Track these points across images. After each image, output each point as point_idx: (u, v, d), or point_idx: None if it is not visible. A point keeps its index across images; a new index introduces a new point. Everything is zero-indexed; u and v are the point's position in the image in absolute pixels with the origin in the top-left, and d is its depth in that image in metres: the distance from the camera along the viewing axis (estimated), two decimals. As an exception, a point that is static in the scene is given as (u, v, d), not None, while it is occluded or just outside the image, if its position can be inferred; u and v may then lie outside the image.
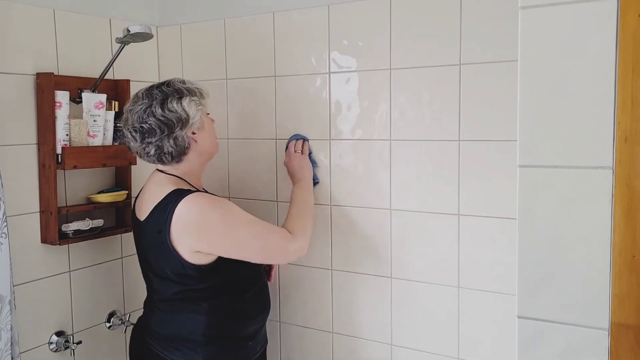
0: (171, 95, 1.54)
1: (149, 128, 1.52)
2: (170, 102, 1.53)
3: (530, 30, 0.89)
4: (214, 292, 1.55)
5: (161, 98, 1.53)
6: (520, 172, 0.91)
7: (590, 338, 0.88)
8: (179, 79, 1.60)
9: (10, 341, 1.56)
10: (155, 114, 1.52)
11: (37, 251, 1.77)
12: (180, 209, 1.47)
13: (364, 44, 1.75)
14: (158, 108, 1.52)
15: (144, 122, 1.52)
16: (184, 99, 1.54)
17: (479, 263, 1.62)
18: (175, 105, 1.53)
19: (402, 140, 1.72)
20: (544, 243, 0.90)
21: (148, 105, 1.53)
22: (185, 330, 1.55)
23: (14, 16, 1.68)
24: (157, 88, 1.56)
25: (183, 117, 1.53)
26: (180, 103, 1.54)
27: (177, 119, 1.52)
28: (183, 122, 1.53)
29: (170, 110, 1.52)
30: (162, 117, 1.52)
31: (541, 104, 0.89)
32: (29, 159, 1.74)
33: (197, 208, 1.49)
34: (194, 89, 1.58)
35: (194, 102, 1.56)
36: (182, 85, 1.57)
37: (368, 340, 1.84)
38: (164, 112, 1.52)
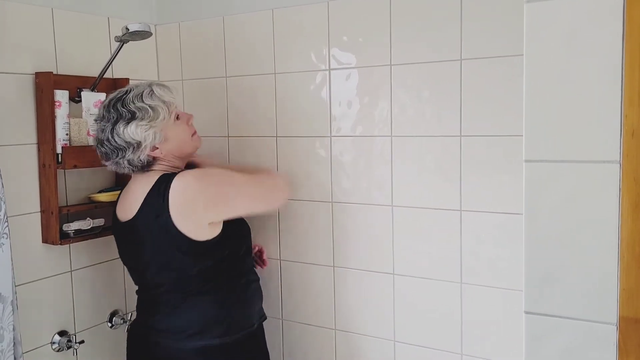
0: (121, 119, 1.53)
1: (104, 151, 1.57)
2: (118, 127, 1.53)
3: (535, 24, 0.89)
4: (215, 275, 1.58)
5: (113, 121, 1.53)
6: (526, 166, 0.91)
7: (598, 333, 0.88)
8: (138, 92, 1.56)
9: (13, 341, 1.55)
10: (108, 139, 1.54)
11: (38, 251, 1.76)
12: (175, 188, 1.49)
13: (364, 40, 1.75)
14: (108, 133, 1.54)
15: (101, 143, 1.56)
16: (131, 124, 1.52)
17: (481, 259, 1.62)
18: (122, 132, 1.53)
19: (403, 136, 1.71)
20: (550, 238, 0.90)
21: (103, 127, 1.55)
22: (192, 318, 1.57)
23: (12, 15, 1.67)
24: (114, 106, 1.55)
25: (133, 143, 1.53)
26: (128, 129, 1.52)
27: (127, 145, 1.53)
28: (134, 146, 1.53)
29: (119, 137, 1.53)
30: (114, 143, 1.54)
31: (547, 98, 0.89)
32: (29, 158, 1.73)
33: (192, 181, 1.53)
34: (145, 109, 1.53)
35: (142, 126, 1.52)
36: (136, 105, 1.53)
37: (371, 336, 1.84)
38: (113, 138, 1.54)
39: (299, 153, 1.90)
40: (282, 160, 1.93)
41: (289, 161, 1.92)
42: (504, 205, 1.58)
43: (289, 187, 1.74)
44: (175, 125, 1.60)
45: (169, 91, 1.61)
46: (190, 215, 1.50)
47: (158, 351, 1.59)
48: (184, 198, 1.50)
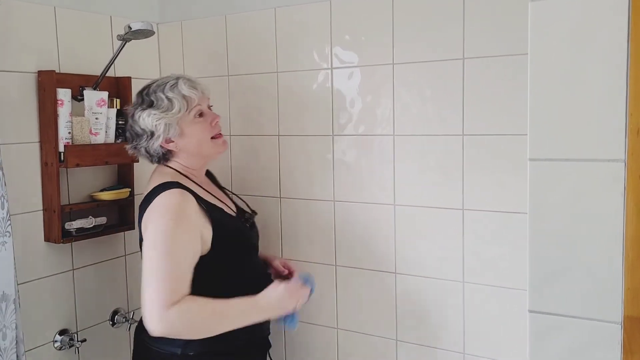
0: (140, 106, 1.56)
1: (127, 136, 1.62)
2: (136, 113, 1.56)
3: (540, 22, 0.89)
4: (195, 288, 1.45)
5: (136, 107, 1.57)
6: (531, 165, 0.91)
7: (602, 332, 0.88)
8: (162, 82, 1.57)
9: (15, 340, 1.55)
10: (131, 123, 1.58)
11: (40, 250, 1.76)
12: (155, 201, 1.47)
13: (367, 38, 1.75)
14: (130, 118, 1.58)
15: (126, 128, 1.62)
16: (145, 111, 1.54)
17: (484, 258, 1.62)
18: (138, 119, 1.55)
19: (405, 135, 1.71)
20: (555, 237, 0.90)
21: (129, 112, 1.60)
22: None
23: (15, 14, 1.67)
24: (140, 93, 1.59)
25: (147, 131, 1.54)
26: (142, 117, 1.54)
27: (141, 132, 1.56)
28: (148, 135, 1.54)
29: (136, 123, 1.56)
30: (132, 128, 1.57)
31: (552, 96, 0.89)
32: (32, 157, 1.73)
33: (161, 204, 1.45)
34: (162, 99, 1.52)
35: (153, 116, 1.52)
36: (156, 94, 1.54)
37: (373, 335, 1.84)
38: (132, 124, 1.58)
39: (301, 152, 1.90)
40: (284, 159, 1.93)
41: (291, 160, 1.92)
42: (506, 204, 1.58)
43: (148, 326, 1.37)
44: (194, 122, 1.57)
45: (194, 86, 1.58)
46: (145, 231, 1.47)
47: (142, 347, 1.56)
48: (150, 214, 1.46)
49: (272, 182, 1.96)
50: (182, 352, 1.48)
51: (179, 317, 1.36)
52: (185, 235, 1.43)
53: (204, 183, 1.64)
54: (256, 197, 1.98)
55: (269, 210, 1.96)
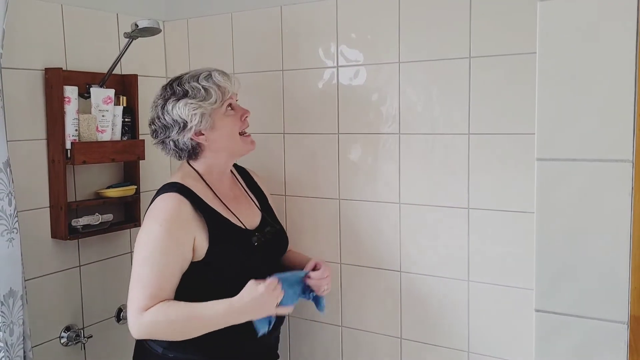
0: (173, 96, 1.51)
1: (154, 129, 1.55)
2: (168, 104, 1.51)
3: (548, 22, 0.89)
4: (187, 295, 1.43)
5: (166, 98, 1.52)
6: (538, 165, 0.91)
7: (609, 331, 0.88)
8: (196, 73, 1.54)
9: (22, 335, 1.56)
10: (158, 116, 1.53)
11: (47, 246, 1.77)
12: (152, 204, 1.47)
13: (373, 37, 1.75)
14: (160, 109, 1.52)
15: (152, 121, 1.55)
16: (180, 101, 1.49)
17: (489, 257, 1.62)
18: (171, 109, 1.50)
19: (411, 133, 1.71)
20: (562, 236, 0.90)
21: (156, 104, 1.54)
22: None
23: (22, 12, 1.68)
24: (170, 85, 1.54)
25: (179, 121, 1.49)
26: (177, 106, 1.49)
27: (174, 123, 1.50)
28: (180, 126, 1.49)
29: (167, 113, 1.51)
30: (163, 120, 1.52)
31: (559, 96, 0.89)
32: (39, 154, 1.74)
33: (154, 208, 1.45)
34: (198, 89, 1.50)
35: (191, 104, 1.48)
36: (190, 84, 1.51)
37: (377, 333, 1.84)
38: (163, 115, 1.51)
39: (306, 150, 1.90)
40: (289, 157, 1.93)
41: (296, 158, 1.92)
42: (512, 204, 1.58)
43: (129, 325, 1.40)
44: (225, 115, 1.54)
45: (228, 78, 1.56)
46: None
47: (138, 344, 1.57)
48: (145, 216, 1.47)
49: (277, 180, 1.96)
50: (162, 353, 1.48)
51: (151, 321, 1.36)
52: (173, 242, 1.41)
53: (224, 186, 1.59)
54: (261, 194, 1.98)
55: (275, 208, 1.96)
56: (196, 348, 1.46)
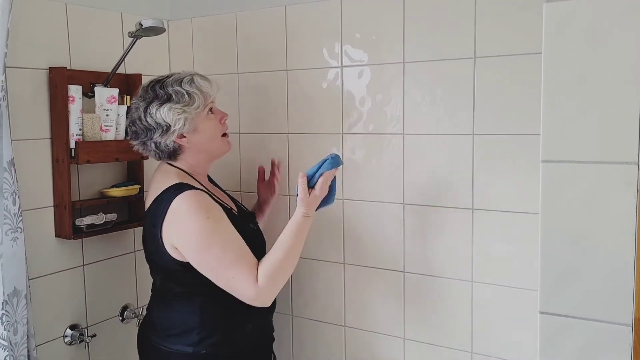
0: (156, 100, 1.54)
1: (134, 130, 1.59)
2: (152, 107, 1.54)
3: (554, 24, 0.88)
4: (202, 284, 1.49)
5: (148, 101, 1.55)
6: (543, 167, 0.91)
7: (613, 334, 0.88)
8: (178, 77, 1.57)
9: (26, 334, 1.57)
10: (140, 117, 1.56)
11: (51, 245, 1.78)
12: (174, 205, 1.47)
13: (377, 37, 1.74)
14: (142, 112, 1.55)
15: (132, 122, 1.58)
16: (164, 105, 1.52)
17: (493, 257, 1.62)
18: (155, 113, 1.53)
19: (415, 134, 1.71)
20: (566, 238, 0.90)
21: (137, 106, 1.57)
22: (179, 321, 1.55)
23: (26, 10, 1.68)
24: (153, 88, 1.56)
25: (163, 125, 1.53)
26: (160, 110, 1.52)
27: (156, 126, 1.53)
28: (163, 129, 1.53)
29: (150, 116, 1.54)
30: (144, 122, 1.55)
31: (565, 99, 0.89)
32: (43, 153, 1.74)
33: (186, 208, 1.46)
34: (182, 93, 1.53)
35: (175, 109, 1.52)
36: (174, 88, 1.54)
37: (380, 334, 1.84)
38: (145, 118, 1.55)
39: (310, 150, 1.90)
40: (293, 157, 1.93)
41: (300, 158, 1.92)
42: (516, 204, 1.57)
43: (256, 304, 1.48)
44: (207, 118, 1.59)
45: (209, 83, 1.60)
46: (169, 233, 1.47)
47: (149, 346, 1.59)
48: (172, 216, 1.47)
49: (281, 180, 1.96)
50: (195, 351, 1.52)
51: (268, 283, 1.46)
52: (225, 221, 1.49)
53: (207, 184, 1.65)
54: (265, 194, 1.98)
55: (278, 208, 1.96)
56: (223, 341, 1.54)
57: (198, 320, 1.53)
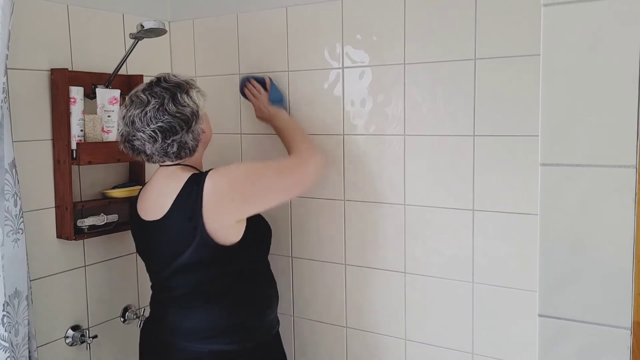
0: (179, 90, 1.54)
1: (169, 126, 1.50)
2: (180, 97, 1.52)
3: (552, 27, 0.88)
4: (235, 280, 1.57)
5: (170, 94, 1.51)
6: (542, 170, 0.90)
7: (611, 337, 0.88)
8: (169, 74, 1.59)
9: (28, 336, 1.57)
10: (170, 112, 1.49)
11: (52, 246, 1.78)
12: (209, 184, 1.47)
13: (378, 38, 1.74)
14: (171, 105, 1.50)
15: (161, 120, 1.49)
16: (191, 91, 1.56)
17: (494, 259, 1.62)
18: (186, 99, 1.53)
19: (416, 135, 1.71)
20: (565, 241, 0.90)
21: (160, 104, 1.50)
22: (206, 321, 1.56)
23: (28, 12, 1.68)
24: (158, 86, 1.53)
25: (195, 110, 1.54)
26: (190, 96, 1.54)
27: (191, 113, 1.53)
28: (196, 115, 1.55)
29: (183, 105, 1.52)
30: (178, 114, 1.50)
31: (563, 102, 0.88)
32: (44, 154, 1.74)
33: (222, 179, 1.49)
34: (189, 81, 1.59)
35: (200, 93, 1.59)
36: (180, 79, 1.57)
37: (382, 334, 1.84)
38: (177, 109, 1.51)
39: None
40: (294, 157, 1.93)
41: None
42: (517, 205, 1.57)
43: (319, 170, 1.66)
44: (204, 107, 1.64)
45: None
46: (221, 214, 1.48)
47: (171, 351, 1.58)
48: (216, 197, 1.47)
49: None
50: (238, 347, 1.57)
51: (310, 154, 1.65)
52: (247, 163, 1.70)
53: None
54: (266, 195, 1.98)
55: (279, 209, 1.96)
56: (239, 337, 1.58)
57: (237, 317, 1.58)
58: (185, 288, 1.57)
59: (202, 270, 1.54)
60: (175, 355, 1.58)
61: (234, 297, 1.58)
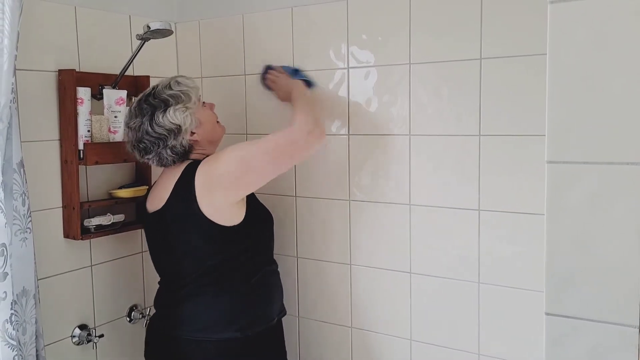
0: (158, 108, 1.59)
1: (144, 146, 1.61)
2: (157, 116, 1.58)
3: (559, 24, 0.88)
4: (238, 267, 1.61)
5: (150, 113, 1.59)
6: (549, 167, 0.90)
7: (619, 335, 0.87)
8: (164, 84, 1.63)
9: (35, 334, 1.58)
10: (147, 131, 1.59)
11: (59, 246, 1.79)
12: (200, 171, 1.55)
13: (383, 38, 1.75)
14: (148, 125, 1.59)
15: (139, 140, 1.61)
16: (169, 109, 1.58)
17: (499, 259, 1.62)
18: (162, 119, 1.58)
19: (421, 135, 1.71)
20: (572, 240, 0.90)
21: (140, 122, 1.60)
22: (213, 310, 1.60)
23: (36, 13, 1.69)
24: (145, 101, 1.61)
25: (174, 128, 1.59)
26: (167, 115, 1.58)
27: (168, 132, 1.59)
28: (175, 132, 1.59)
29: (159, 125, 1.58)
30: (155, 133, 1.59)
31: (570, 99, 0.88)
32: (52, 154, 1.76)
33: (213, 162, 1.56)
34: (177, 94, 1.60)
35: (179, 110, 1.59)
36: (167, 93, 1.60)
37: (387, 335, 1.84)
38: (154, 129, 1.59)
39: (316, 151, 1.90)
40: (300, 158, 1.93)
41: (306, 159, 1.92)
42: (522, 205, 1.57)
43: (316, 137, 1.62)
44: (203, 109, 1.68)
45: (192, 80, 1.68)
46: (214, 197, 1.54)
47: (177, 344, 1.61)
48: (208, 179, 1.54)
49: (287, 181, 1.97)
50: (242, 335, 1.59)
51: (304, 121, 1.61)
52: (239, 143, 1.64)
53: None
54: (272, 195, 1.99)
55: (285, 209, 1.97)
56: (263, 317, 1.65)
57: (242, 305, 1.61)
58: (188, 277, 1.62)
59: (202, 256, 1.59)
60: (181, 347, 1.60)
61: (239, 284, 1.61)
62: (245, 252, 1.62)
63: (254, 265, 1.66)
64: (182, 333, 1.61)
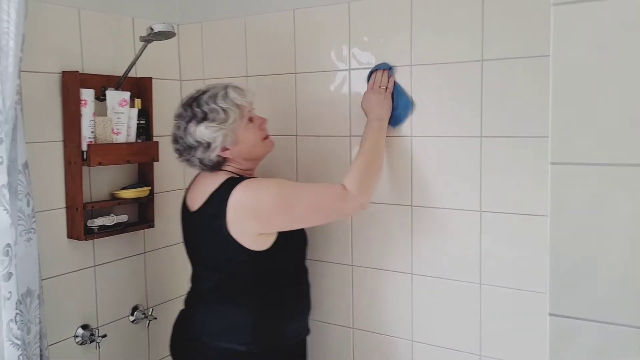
0: (194, 119, 1.57)
1: (177, 148, 1.62)
2: (190, 126, 1.57)
3: (562, 26, 0.89)
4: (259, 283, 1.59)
5: (187, 120, 1.58)
6: (552, 169, 0.91)
7: (623, 336, 0.88)
8: (213, 92, 1.59)
9: (39, 334, 1.58)
10: (182, 136, 1.59)
11: (63, 246, 1.80)
12: (236, 195, 1.51)
13: (385, 40, 1.75)
14: (182, 131, 1.59)
15: (175, 140, 1.62)
16: (201, 124, 1.55)
17: (501, 260, 1.62)
18: (193, 132, 1.57)
19: (423, 136, 1.72)
20: (576, 240, 0.90)
21: (179, 125, 1.60)
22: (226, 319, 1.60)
23: (40, 16, 1.70)
24: (189, 105, 1.59)
25: (203, 142, 1.56)
26: (198, 129, 1.56)
27: (197, 144, 1.57)
28: (205, 146, 1.57)
29: (190, 135, 1.57)
30: (187, 141, 1.58)
31: (574, 100, 0.89)
32: (56, 155, 1.76)
33: (252, 191, 1.53)
34: (217, 111, 1.55)
35: (211, 128, 1.55)
36: (209, 106, 1.56)
37: (389, 336, 1.84)
38: (186, 136, 1.58)
39: (318, 152, 1.91)
40: (301, 159, 1.94)
41: (308, 160, 1.93)
42: (524, 207, 1.57)
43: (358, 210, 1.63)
44: (247, 128, 1.61)
45: (243, 94, 1.62)
46: (242, 223, 1.52)
47: (195, 346, 1.62)
48: (241, 205, 1.51)
49: (290, 182, 1.97)
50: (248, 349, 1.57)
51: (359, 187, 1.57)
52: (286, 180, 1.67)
53: None
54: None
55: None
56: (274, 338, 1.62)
57: (252, 320, 1.59)
58: (210, 282, 1.63)
59: (226, 269, 1.59)
60: (199, 349, 1.62)
61: (257, 301, 1.59)
62: (268, 273, 1.60)
63: (276, 283, 1.62)
64: (200, 336, 1.62)
